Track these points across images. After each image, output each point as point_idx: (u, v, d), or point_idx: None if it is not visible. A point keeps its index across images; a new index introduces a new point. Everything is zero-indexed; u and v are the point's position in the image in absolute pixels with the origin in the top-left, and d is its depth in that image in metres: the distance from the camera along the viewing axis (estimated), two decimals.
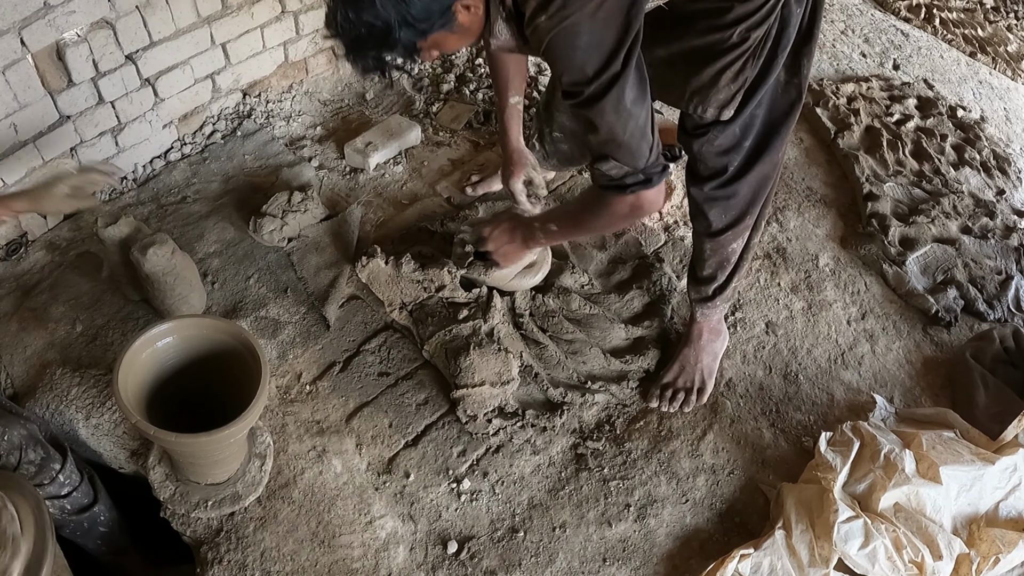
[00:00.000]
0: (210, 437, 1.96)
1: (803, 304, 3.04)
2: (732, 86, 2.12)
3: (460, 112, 3.54)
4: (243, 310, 2.71)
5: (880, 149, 3.74)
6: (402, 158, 3.34)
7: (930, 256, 3.28)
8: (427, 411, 2.55)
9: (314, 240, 2.90)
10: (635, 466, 2.50)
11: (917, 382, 2.88)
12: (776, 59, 2.14)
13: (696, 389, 2.67)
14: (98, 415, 2.41)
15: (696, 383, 2.67)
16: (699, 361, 2.69)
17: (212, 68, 3.19)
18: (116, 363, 2.00)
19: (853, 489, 2.38)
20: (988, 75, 4.76)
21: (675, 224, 3.21)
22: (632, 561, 2.32)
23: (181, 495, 2.28)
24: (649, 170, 2.03)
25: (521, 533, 2.34)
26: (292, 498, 2.32)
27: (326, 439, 2.45)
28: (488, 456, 2.48)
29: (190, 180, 3.13)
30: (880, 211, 3.40)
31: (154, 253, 2.42)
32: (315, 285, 2.78)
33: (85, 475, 2.24)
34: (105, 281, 2.73)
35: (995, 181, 3.79)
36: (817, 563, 2.24)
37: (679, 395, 2.66)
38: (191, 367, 2.20)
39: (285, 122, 3.41)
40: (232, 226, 2.95)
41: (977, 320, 3.13)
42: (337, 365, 2.63)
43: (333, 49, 3.57)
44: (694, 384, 2.67)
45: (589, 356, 2.72)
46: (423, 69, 3.79)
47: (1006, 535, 2.31)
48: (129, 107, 2.96)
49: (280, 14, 3.26)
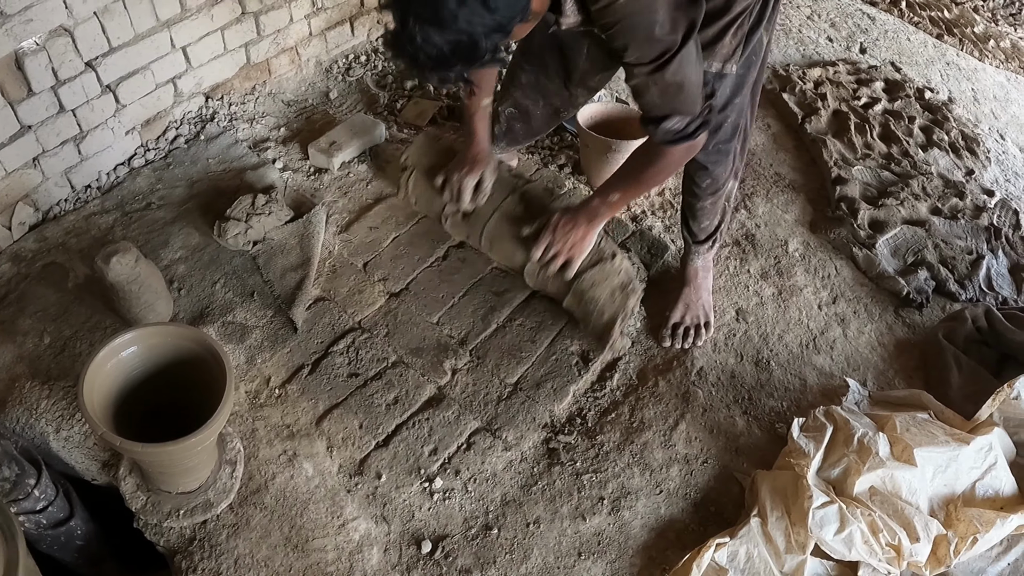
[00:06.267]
0: (177, 446, 1.94)
1: (773, 290, 3.04)
2: (733, 41, 2.29)
3: (425, 108, 3.52)
4: (210, 316, 2.69)
5: (848, 133, 3.74)
6: (367, 156, 3.32)
7: (900, 238, 3.29)
8: (397, 411, 2.53)
9: (279, 243, 2.87)
10: (608, 459, 2.49)
11: (890, 365, 2.88)
12: (765, 16, 2.34)
13: (703, 323, 2.85)
14: (68, 427, 2.38)
15: (701, 318, 2.86)
16: (699, 298, 2.87)
17: (173, 72, 3.16)
18: (81, 375, 1.97)
19: (827, 474, 2.37)
20: (955, 56, 4.77)
21: (642, 214, 3.21)
22: (608, 554, 2.31)
23: (153, 505, 2.25)
24: (703, 114, 2.26)
25: (495, 530, 2.32)
26: (264, 503, 2.30)
27: (296, 443, 2.43)
28: (460, 454, 2.46)
29: (154, 186, 3.10)
30: (849, 195, 3.40)
31: (118, 262, 2.39)
32: (281, 288, 2.76)
33: (60, 489, 2.21)
34: (72, 291, 2.70)
35: (964, 161, 3.80)
36: (793, 549, 2.23)
37: (690, 332, 2.83)
38: (158, 375, 2.17)
39: (248, 124, 3.39)
40: (197, 231, 2.92)
41: (949, 301, 3.13)
42: (306, 368, 2.61)
43: (296, 48, 3.55)
44: (699, 319, 2.85)
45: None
46: (387, 66, 3.78)
47: (983, 515, 2.30)
48: (91, 115, 2.93)
49: (240, 15, 3.24)
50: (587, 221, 2.62)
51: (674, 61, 2.01)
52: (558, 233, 2.65)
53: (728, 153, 2.62)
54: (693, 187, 2.72)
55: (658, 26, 1.95)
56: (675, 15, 1.98)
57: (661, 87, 2.10)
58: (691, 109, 2.20)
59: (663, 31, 1.96)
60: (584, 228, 2.63)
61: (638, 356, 2.79)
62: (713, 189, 2.69)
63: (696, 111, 2.22)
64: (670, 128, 2.23)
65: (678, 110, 2.19)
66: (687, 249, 2.90)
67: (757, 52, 2.44)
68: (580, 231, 2.63)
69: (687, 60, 2.03)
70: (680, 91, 2.12)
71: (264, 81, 3.54)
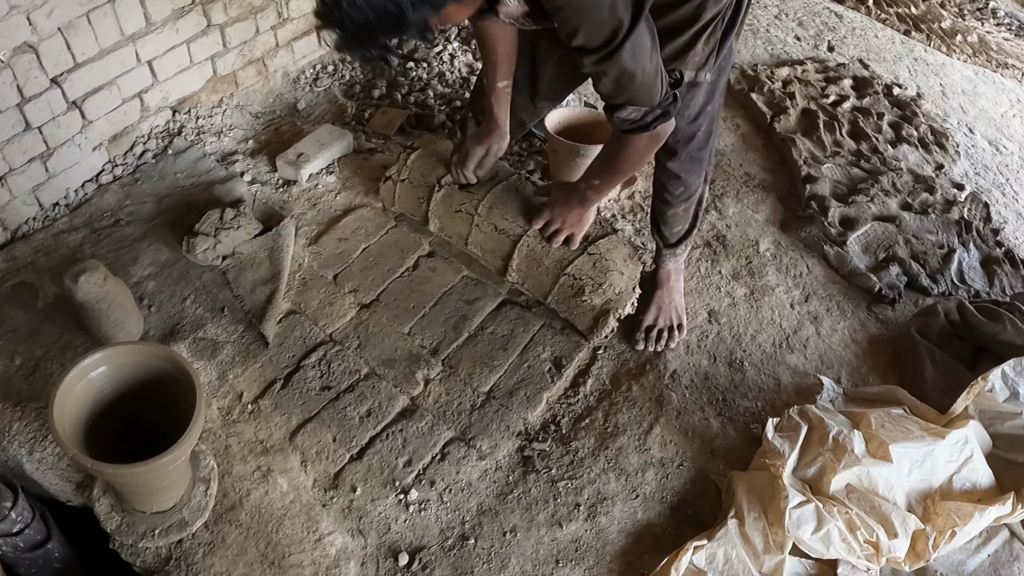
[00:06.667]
0: (148, 467, 1.92)
1: (745, 290, 3.05)
2: (706, 48, 2.28)
3: (393, 117, 3.51)
4: (181, 332, 2.67)
5: (817, 131, 3.76)
6: (335, 167, 3.31)
7: (871, 235, 3.30)
8: (370, 423, 2.52)
9: (249, 256, 2.86)
10: (583, 465, 2.49)
11: (864, 361, 2.89)
12: (737, 22, 2.32)
13: (676, 325, 2.86)
14: (41, 449, 2.36)
15: (674, 320, 2.87)
16: (672, 300, 2.88)
17: (139, 87, 3.14)
18: (50, 397, 1.96)
19: (803, 473, 2.38)
20: (923, 52, 4.81)
21: (613, 218, 3.20)
22: (585, 561, 2.30)
23: (128, 525, 2.24)
24: (664, 104, 2.21)
25: (472, 540, 2.31)
26: (239, 521, 2.29)
27: (270, 458, 2.42)
28: (434, 464, 2.45)
29: (123, 202, 3.08)
30: (819, 193, 3.41)
31: (86, 281, 2.38)
32: (252, 302, 2.75)
33: (36, 512, 2.19)
34: (42, 311, 2.68)
35: (933, 156, 3.82)
36: (772, 549, 2.23)
37: (663, 334, 2.84)
38: (129, 394, 2.16)
39: (216, 137, 3.37)
40: (166, 247, 2.90)
41: (921, 295, 3.15)
42: (278, 382, 2.60)
43: (263, 60, 3.54)
44: (672, 321, 2.86)
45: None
46: (354, 75, 3.77)
47: (961, 508, 2.31)
48: (57, 131, 2.90)
49: (206, 28, 3.22)
50: (579, 203, 2.68)
51: (625, 47, 1.97)
52: (557, 211, 2.73)
53: (701, 161, 2.64)
54: (665, 194, 2.73)
55: (606, 7, 1.92)
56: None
57: (614, 75, 2.08)
58: (647, 100, 2.17)
59: (610, 11, 1.93)
60: (579, 209, 2.70)
61: (611, 361, 2.79)
62: (686, 196, 2.71)
63: (654, 102, 2.18)
64: (626, 118, 2.23)
65: (633, 100, 2.17)
66: (658, 252, 2.91)
67: (728, 58, 2.45)
68: (576, 211, 2.70)
69: (639, 47, 1.99)
70: (633, 80, 2.08)
71: (231, 93, 3.52)
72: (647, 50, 2.03)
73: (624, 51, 1.97)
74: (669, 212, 2.76)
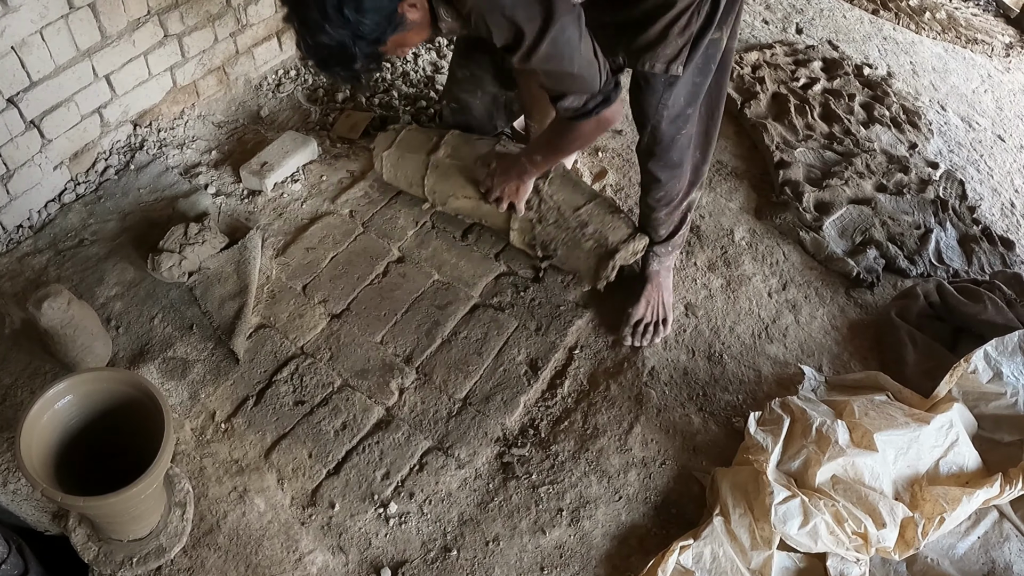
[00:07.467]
0: (118, 497, 1.89)
1: (722, 281, 3.02)
2: (679, 40, 2.24)
3: (357, 121, 3.46)
4: (150, 353, 2.62)
5: (788, 115, 3.74)
6: (300, 174, 3.26)
7: (847, 218, 3.28)
8: (346, 436, 2.49)
9: (216, 271, 2.81)
10: (563, 469, 2.46)
11: (844, 347, 2.87)
12: (716, 15, 2.26)
13: (662, 320, 2.85)
14: (15, 480, 2.31)
15: (660, 315, 2.86)
16: (660, 295, 2.87)
17: (98, 102, 3.08)
18: (16, 431, 1.92)
19: (788, 467, 2.36)
20: (892, 31, 4.79)
21: None
22: (571, 567, 2.28)
23: (105, 555, 2.20)
24: (605, 90, 2.24)
25: (454, 552, 2.28)
26: (218, 544, 2.25)
27: (246, 478, 2.38)
28: (413, 476, 2.42)
29: (86, 221, 3.02)
30: (793, 178, 3.39)
31: (49, 306, 2.33)
32: (220, 318, 2.70)
33: (13, 545, 2.15)
34: (9, 338, 2.62)
35: (906, 136, 3.80)
36: (759, 545, 2.22)
37: (649, 329, 2.82)
38: (97, 421, 2.12)
39: (179, 150, 3.31)
40: (132, 266, 2.85)
41: (900, 277, 3.14)
42: (251, 399, 2.56)
43: (223, 68, 3.49)
44: (658, 317, 2.85)
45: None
46: (317, 80, 3.72)
47: (949, 492, 2.31)
48: (16, 152, 2.84)
49: (163, 39, 3.16)
50: (518, 175, 2.77)
51: (543, 44, 1.99)
52: (497, 179, 2.82)
53: (681, 166, 2.61)
54: (647, 198, 2.72)
55: (507, 7, 1.95)
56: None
57: (542, 71, 2.12)
58: (586, 88, 2.21)
59: (512, 11, 1.96)
60: (516, 181, 2.79)
61: (588, 360, 2.76)
62: (667, 201, 2.69)
63: (594, 89, 2.21)
64: (568, 106, 2.26)
65: (571, 90, 2.22)
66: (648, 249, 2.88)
67: (713, 58, 2.38)
68: (514, 184, 2.79)
69: (562, 42, 2.01)
70: (563, 73, 2.13)
71: (193, 104, 3.46)
72: (574, 43, 2.05)
73: (540, 50, 2.00)
74: (652, 216, 2.75)
